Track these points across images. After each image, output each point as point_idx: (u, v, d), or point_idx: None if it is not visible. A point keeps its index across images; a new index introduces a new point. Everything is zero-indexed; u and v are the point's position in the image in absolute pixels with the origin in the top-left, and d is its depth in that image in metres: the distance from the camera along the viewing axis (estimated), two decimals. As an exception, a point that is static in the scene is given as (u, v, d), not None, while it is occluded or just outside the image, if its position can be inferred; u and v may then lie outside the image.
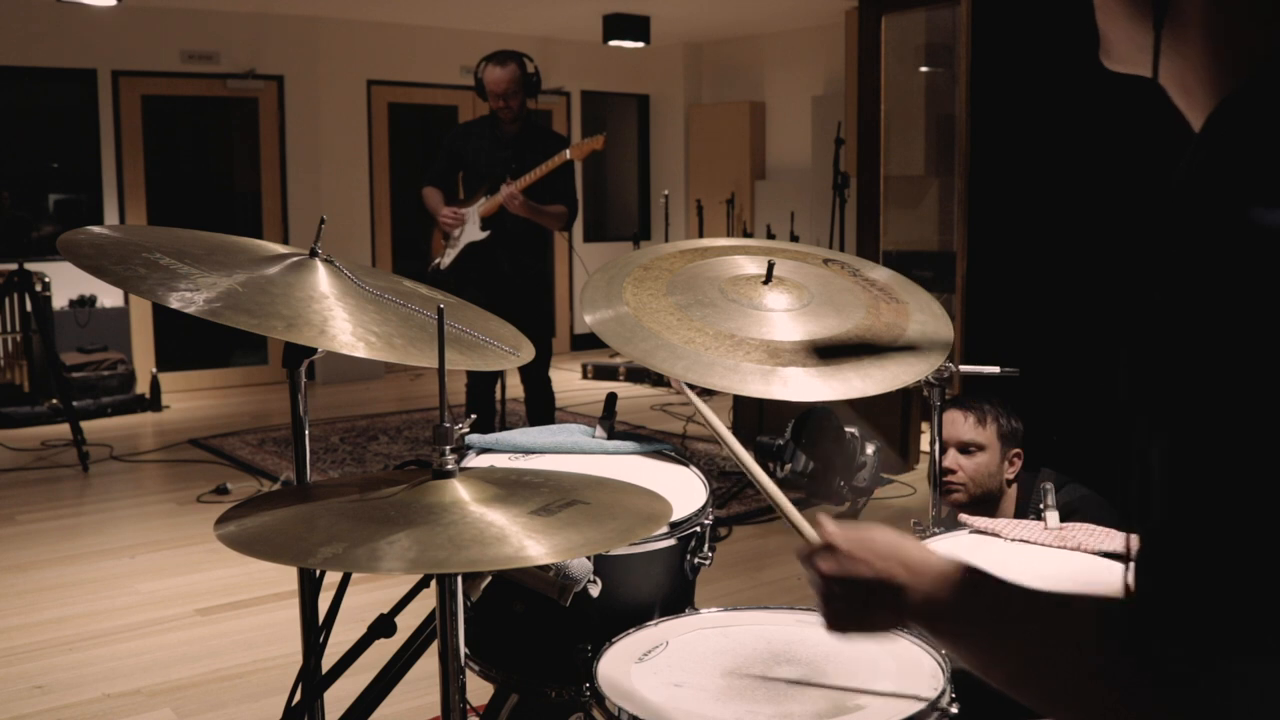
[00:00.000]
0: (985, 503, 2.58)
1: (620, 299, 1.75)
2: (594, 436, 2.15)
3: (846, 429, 1.79)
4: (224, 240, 1.79)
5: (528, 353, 1.78)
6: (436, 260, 5.19)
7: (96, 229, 1.69)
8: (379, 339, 1.56)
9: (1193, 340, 0.82)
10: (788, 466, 1.80)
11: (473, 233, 5.04)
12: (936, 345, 1.75)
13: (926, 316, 1.83)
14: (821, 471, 1.79)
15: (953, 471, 2.55)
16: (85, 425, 6.28)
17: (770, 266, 1.79)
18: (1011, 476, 2.63)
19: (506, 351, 1.73)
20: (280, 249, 1.78)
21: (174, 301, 1.48)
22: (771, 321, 1.71)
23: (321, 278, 1.65)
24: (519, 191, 4.88)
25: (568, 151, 4.94)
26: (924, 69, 7.22)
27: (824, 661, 1.52)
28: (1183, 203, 0.85)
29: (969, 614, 0.97)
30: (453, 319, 1.66)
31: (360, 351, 1.52)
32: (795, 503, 1.29)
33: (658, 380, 8.21)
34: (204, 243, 1.74)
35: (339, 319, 1.57)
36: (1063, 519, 1.97)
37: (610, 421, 2.17)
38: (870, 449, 1.82)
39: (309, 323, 1.53)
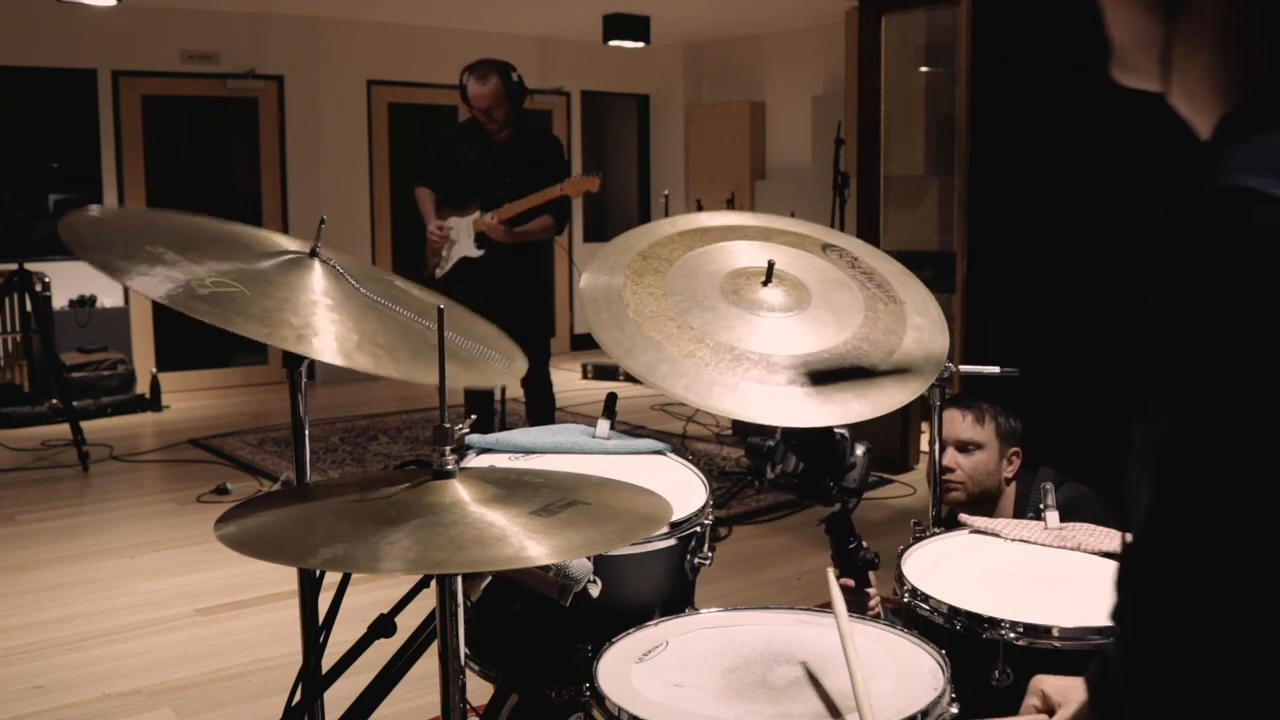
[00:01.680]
0: (984, 501, 2.59)
1: (620, 300, 1.75)
2: (594, 436, 2.15)
3: (836, 430, 1.79)
4: (224, 230, 1.79)
5: (521, 365, 1.78)
6: (431, 268, 5.14)
7: (96, 211, 1.69)
8: (384, 351, 1.56)
9: (1195, 356, 0.78)
10: (778, 468, 1.80)
11: (467, 247, 4.96)
12: (930, 363, 1.76)
13: (923, 320, 1.83)
14: (811, 472, 1.79)
15: (951, 470, 2.55)
16: (85, 425, 6.27)
17: (770, 267, 1.79)
18: (1010, 475, 2.64)
19: (501, 366, 1.73)
20: (281, 240, 1.78)
21: (168, 297, 1.47)
22: (770, 329, 1.71)
23: (321, 280, 1.65)
24: (498, 224, 4.84)
25: (560, 187, 4.85)
26: (924, 69, 7.21)
27: (824, 662, 1.52)
28: (1189, 211, 0.81)
29: None
30: (449, 328, 1.67)
31: (365, 367, 1.52)
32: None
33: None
34: (205, 231, 1.74)
35: (345, 328, 1.57)
36: (1062, 517, 1.97)
37: (610, 422, 2.17)
38: (860, 449, 1.82)
39: (317, 333, 1.54)
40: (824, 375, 1.66)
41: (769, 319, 1.74)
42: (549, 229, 5.02)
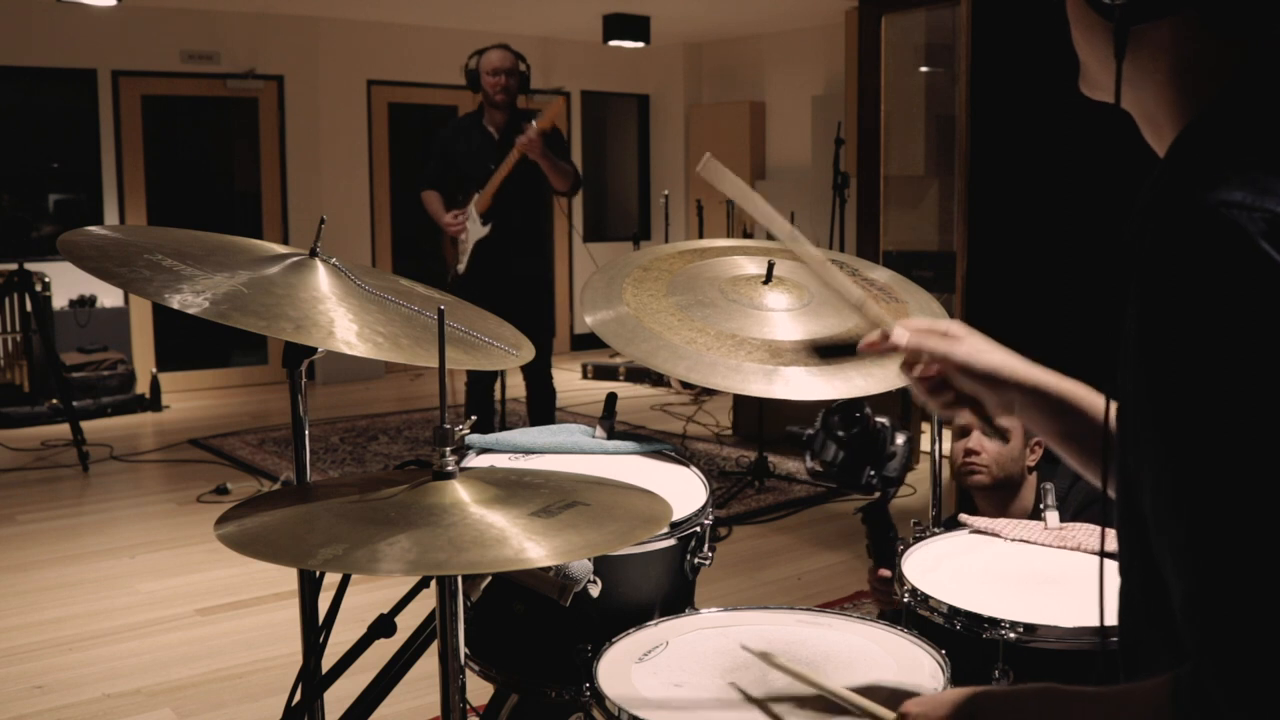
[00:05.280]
0: (1006, 488, 2.57)
1: (620, 300, 1.75)
2: (594, 436, 2.15)
3: (877, 419, 1.79)
4: (223, 240, 1.79)
5: (527, 352, 1.78)
6: (454, 268, 5.19)
7: (96, 229, 1.69)
8: (385, 339, 1.56)
9: (1176, 348, 0.81)
10: (818, 456, 1.80)
11: (476, 230, 5.06)
12: None
13: (927, 315, 1.83)
14: (851, 461, 1.79)
15: (976, 453, 2.53)
16: (85, 425, 6.28)
17: (770, 266, 1.79)
18: (1033, 464, 2.63)
19: (507, 351, 1.73)
20: (279, 249, 1.78)
21: (181, 304, 1.48)
22: (772, 321, 1.72)
23: (323, 278, 1.66)
24: (535, 135, 4.82)
25: (533, 123, 4.87)
26: (924, 69, 7.21)
27: (824, 662, 1.52)
28: (1148, 216, 0.86)
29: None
30: (453, 319, 1.67)
31: (367, 352, 1.52)
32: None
33: (658, 380, 8.21)
34: (203, 243, 1.74)
35: (344, 320, 1.57)
36: (1078, 512, 1.96)
37: (610, 421, 2.17)
38: (900, 439, 1.82)
39: (316, 324, 1.53)
40: (829, 349, 1.66)
41: (771, 314, 1.74)
42: (569, 173, 5.10)
